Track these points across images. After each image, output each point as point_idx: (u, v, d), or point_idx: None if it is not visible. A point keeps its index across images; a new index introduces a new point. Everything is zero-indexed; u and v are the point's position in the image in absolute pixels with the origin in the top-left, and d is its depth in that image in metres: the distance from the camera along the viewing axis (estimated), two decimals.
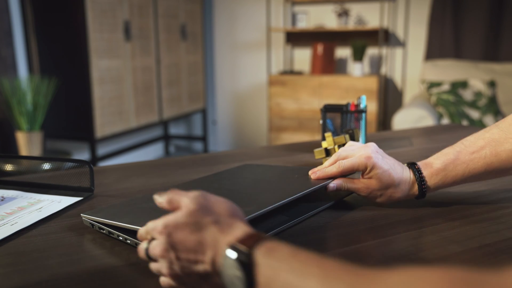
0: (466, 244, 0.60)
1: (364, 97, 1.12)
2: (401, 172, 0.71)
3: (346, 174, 0.73)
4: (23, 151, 3.01)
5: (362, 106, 1.12)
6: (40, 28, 3.17)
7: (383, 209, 0.74)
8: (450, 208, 0.74)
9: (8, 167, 0.97)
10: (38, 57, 3.18)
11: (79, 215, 0.71)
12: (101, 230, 0.65)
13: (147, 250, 0.50)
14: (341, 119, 1.13)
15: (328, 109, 1.13)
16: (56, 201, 0.79)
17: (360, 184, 0.72)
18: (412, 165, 0.73)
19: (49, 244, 0.62)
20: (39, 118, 3.04)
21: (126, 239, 0.61)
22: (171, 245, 0.47)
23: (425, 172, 0.71)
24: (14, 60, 3.09)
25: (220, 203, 0.50)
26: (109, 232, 0.64)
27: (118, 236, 0.63)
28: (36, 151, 3.02)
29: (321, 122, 1.13)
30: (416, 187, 0.72)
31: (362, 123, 1.12)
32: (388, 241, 0.62)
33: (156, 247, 0.48)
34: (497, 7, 3.48)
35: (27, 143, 2.98)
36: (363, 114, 1.11)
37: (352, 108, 1.12)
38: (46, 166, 0.82)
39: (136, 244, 0.60)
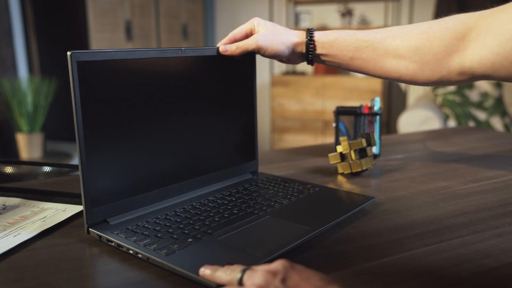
0: (501, 259, 0.57)
1: (377, 99, 1.09)
2: (283, 49, 0.81)
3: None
4: (23, 153, 2.97)
5: (376, 108, 1.08)
6: (40, 28, 3.13)
7: (407, 218, 0.70)
8: (477, 217, 0.70)
9: (9, 172, 0.92)
10: (38, 58, 3.14)
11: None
12: (109, 243, 0.61)
13: (240, 279, 0.46)
14: (354, 122, 1.09)
15: (341, 112, 1.09)
16: (60, 210, 0.75)
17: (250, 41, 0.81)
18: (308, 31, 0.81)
19: (54, 258, 0.59)
20: (39, 119, 3.00)
21: (136, 253, 0.58)
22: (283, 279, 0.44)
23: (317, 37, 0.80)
24: (14, 60, 3.05)
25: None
26: (118, 245, 0.60)
27: (128, 249, 0.59)
28: (37, 153, 2.98)
29: (334, 125, 1.09)
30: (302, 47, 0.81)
31: (376, 126, 1.08)
32: (415, 255, 0.58)
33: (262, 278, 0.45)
34: None
35: (28, 145, 2.94)
36: (377, 117, 1.07)
37: (366, 111, 1.08)
38: (47, 169, 0.78)
39: (148, 259, 0.56)
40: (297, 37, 0.82)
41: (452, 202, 0.77)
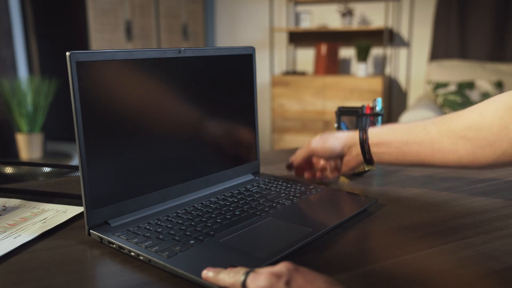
0: (506, 261, 0.56)
1: (379, 100, 1.08)
2: (334, 144, 0.82)
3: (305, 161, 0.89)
4: (23, 153, 2.96)
5: (378, 109, 1.07)
6: (40, 28, 3.13)
7: (410, 220, 0.69)
8: (482, 219, 0.69)
9: (9, 173, 0.92)
10: (38, 58, 3.13)
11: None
12: (111, 245, 0.61)
13: (244, 282, 0.46)
14: (356, 123, 1.09)
15: (343, 112, 1.08)
16: (61, 211, 0.74)
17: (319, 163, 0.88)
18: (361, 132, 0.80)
19: (55, 260, 0.58)
20: (39, 119, 2.99)
21: (138, 255, 0.57)
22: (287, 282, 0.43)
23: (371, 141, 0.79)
24: (14, 60, 3.04)
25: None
26: (119, 247, 0.59)
27: (130, 251, 0.58)
28: (37, 154, 2.98)
29: (336, 125, 1.08)
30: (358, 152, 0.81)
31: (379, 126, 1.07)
32: (420, 257, 0.58)
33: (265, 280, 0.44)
34: (503, 7, 3.44)
35: (27, 145, 2.94)
36: (379, 118, 1.07)
37: (368, 111, 1.08)
38: (47, 170, 0.78)
39: (150, 261, 0.56)
40: (351, 132, 0.83)
41: (456, 203, 0.76)
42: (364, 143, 0.79)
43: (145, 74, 0.68)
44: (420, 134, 0.73)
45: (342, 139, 0.82)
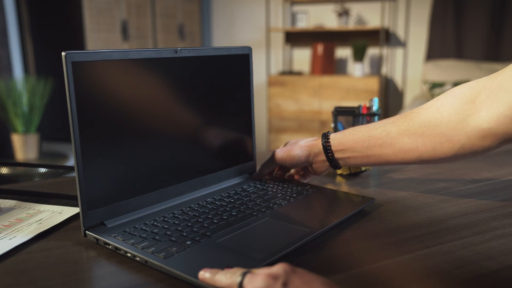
0: (502, 261, 0.56)
1: (376, 100, 1.08)
2: (299, 153, 0.82)
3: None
4: (19, 153, 2.95)
5: (374, 109, 1.07)
6: (35, 28, 3.11)
7: (407, 220, 0.69)
8: (478, 219, 0.69)
9: (4, 173, 0.91)
10: (33, 58, 3.12)
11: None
12: (107, 246, 0.60)
13: (241, 283, 0.46)
14: (352, 122, 1.09)
15: (339, 112, 1.08)
16: (57, 212, 0.74)
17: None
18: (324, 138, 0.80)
19: (51, 262, 0.58)
20: (35, 120, 2.98)
21: (134, 256, 0.57)
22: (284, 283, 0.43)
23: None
24: (9, 60, 3.03)
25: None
26: (116, 248, 0.59)
27: (126, 253, 0.58)
28: (32, 154, 2.96)
29: (332, 125, 1.08)
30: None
31: None
32: (416, 257, 0.58)
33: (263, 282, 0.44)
34: (499, 6, 3.45)
35: (23, 145, 2.93)
36: (376, 117, 1.07)
37: (364, 111, 1.08)
38: (42, 171, 0.77)
39: (146, 262, 0.55)
40: (313, 140, 0.83)
41: (452, 203, 0.76)
42: (327, 151, 0.79)
43: (141, 74, 0.68)
44: (380, 136, 0.74)
45: (306, 148, 0.82)
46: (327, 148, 0.79)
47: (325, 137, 0.80)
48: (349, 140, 0.77)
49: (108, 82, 0.64)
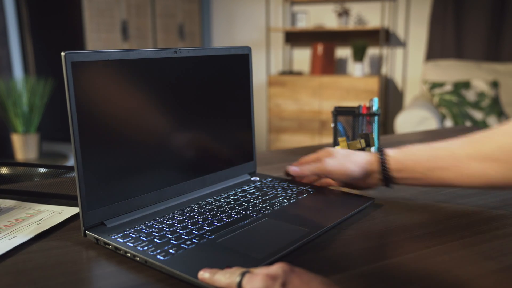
0: (503, 261, 0.56)
1: (376, 99, 1.08)
2: (353, 169, 0.76)
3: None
4: (19, 153, 2.95)
5: (374, 109, 1.07)
6: (35, 28, 3.11)
7: (407, 220, 0.69)
8: (478, 218, 0.69)
9: (4, 173, 0.91)
10: (33, 58, 3.12)
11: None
12: (107, 246, 0.60)
13: (240, 283, 0.46)
14: (352, 122, 1.09)
15: (339, 112, 1.08)
16: (57, 212, 0.74)
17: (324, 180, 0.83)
18: (381, 155, 0.75)
19: (51, 262, 0.58)
20: (35, 120, 2.98)
21: (134, 256, 0.57)
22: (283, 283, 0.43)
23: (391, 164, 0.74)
24: (9, 60, 3.03)
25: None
26: (116, 248, 0.59)
27: (126, 253, 0.58)
28: (32, 154, 2.96)
29: (332, 125, 1.08)
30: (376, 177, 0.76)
31: (375, 126, 1.07)
32: (416, 257, 0.58)
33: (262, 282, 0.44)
34: (499, 7, 3.45)
35: (23, 145, 2.93)
36: (376, 117, 1.07)
37: (364, 111, 1.08)
38: (42, 171, 0.77)
39: (146, 262, 0.55)
40: (369, 156, 0.77)
41: (452, 203, 0.76)
42: (385, 170, 0.74)
43: (141, 74, 0.68)
44: (447, 159, 0.69)
45: (361, 164, 0.76)
46: (384, 167, 0.74)
47: (382, 154, 0.75)
48: (409, 160, 0.72)
49: (107, 82, 0.64)
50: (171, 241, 0.60)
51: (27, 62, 3.14)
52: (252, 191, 0.80)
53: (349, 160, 0.77)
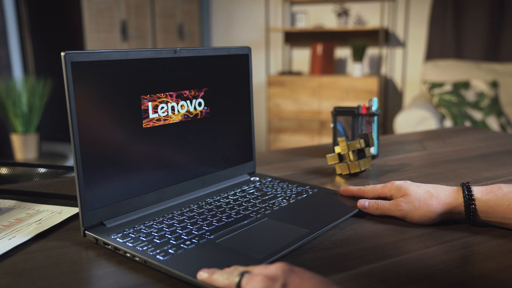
0: (502, 261, 0.56)
1: (375, 100, 1.08)
2: (437, 208, 0.67)
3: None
4: (18, 154, 2.95)
5: (374, 109, 1.07)
6: (35, 28, 3.11)
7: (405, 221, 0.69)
8: None
9: (4, 174, 0.91)
10: (33, 58, 3.12)
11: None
12: (106, 246, 0.60)
13: (239, 283, 0.46)
14: (351, 122, 1.09)
15: (339, 112, 1.08)
16: (56, 212, 0.74)
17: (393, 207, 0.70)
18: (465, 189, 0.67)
19: (50, 262, 0.58)
20: (34, 120, 2.98)
21: (134, 256, 0.57)
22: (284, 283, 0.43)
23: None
24: (9, 60, 3.03)
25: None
26: (115, 248, 0.59)
27: (125, 253, 0.58)
28: (32, 154, 2.96)
29: (332, 125, 1.08)
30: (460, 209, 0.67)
31: (374, 126, 1.07)
32: (417, 257, 0.58)
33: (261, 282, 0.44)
34: (498, 7, 3.45)
35: (23, 145, 2.93)
36: (375, 118, 1.07)
37: (364, 111, 1.08)
38: (42, 171, 0.77)
39: (145, 262, 0.55)
40: (450, 197, 0.67)
41: None
42: (469, 213, 0.66)
43: (140, 74, 0.68)
44: None
45: (446, 205, 0.67)
46: (470, 210, 0.66)
47: (469, 194, 0.66)
48: (502, 205, 0.64)
49: (107, 82, 0.64)
50: (171, 241, 0.60)
51: (26, 62, 3.13)
52: (252, 191, 0.80)
53: (433, 200, 0.68)
